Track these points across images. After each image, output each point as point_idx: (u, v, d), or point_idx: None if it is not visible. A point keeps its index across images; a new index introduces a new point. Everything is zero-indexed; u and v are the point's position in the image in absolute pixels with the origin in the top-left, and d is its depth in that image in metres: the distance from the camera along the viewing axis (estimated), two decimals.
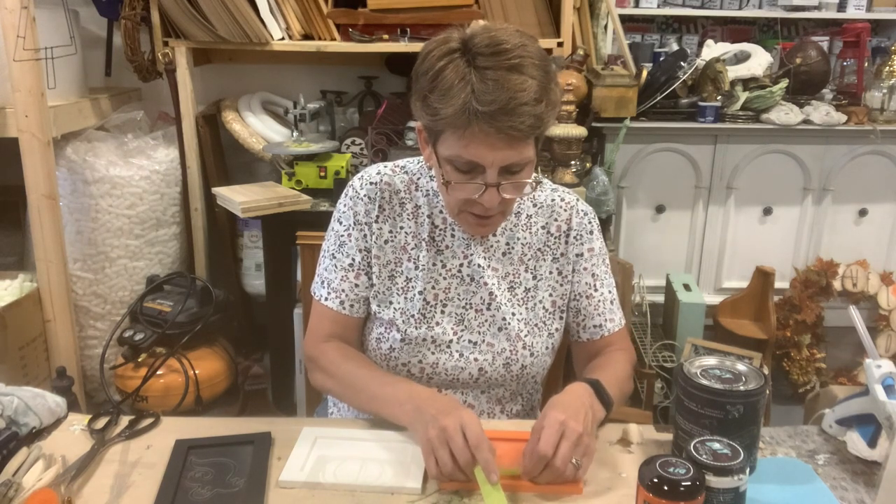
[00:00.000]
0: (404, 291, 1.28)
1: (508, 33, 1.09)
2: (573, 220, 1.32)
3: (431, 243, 1.28)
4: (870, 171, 2.59)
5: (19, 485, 0.98)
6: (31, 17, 1.94)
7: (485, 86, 1.05)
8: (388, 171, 1.31)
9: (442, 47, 1.10)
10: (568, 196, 1.34)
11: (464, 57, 1.08)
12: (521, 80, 1.06)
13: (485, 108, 1.04)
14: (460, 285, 1.28)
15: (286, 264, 2.29)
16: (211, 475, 1.05)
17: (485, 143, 1.08)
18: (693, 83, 2.57)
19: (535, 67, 1.08)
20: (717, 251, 2.66)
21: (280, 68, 2.67)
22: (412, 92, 1.15)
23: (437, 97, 1.08)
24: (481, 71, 1.06)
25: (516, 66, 1.06)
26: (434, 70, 1.08)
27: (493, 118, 1.05)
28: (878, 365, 1.06)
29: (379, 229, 1.28)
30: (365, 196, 1.28)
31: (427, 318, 1.27)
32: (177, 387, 2.20)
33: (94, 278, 2.36)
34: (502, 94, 1.04)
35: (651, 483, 0.88)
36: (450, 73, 1.07)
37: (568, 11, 2.33)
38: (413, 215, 1.29)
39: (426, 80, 1.10)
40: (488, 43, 1.07)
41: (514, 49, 1.07)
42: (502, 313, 1.28)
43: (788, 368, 2.69)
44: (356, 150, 2.42)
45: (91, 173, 2.29)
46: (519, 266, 1.30)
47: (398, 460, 1.08)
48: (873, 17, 3.18)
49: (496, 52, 1.06)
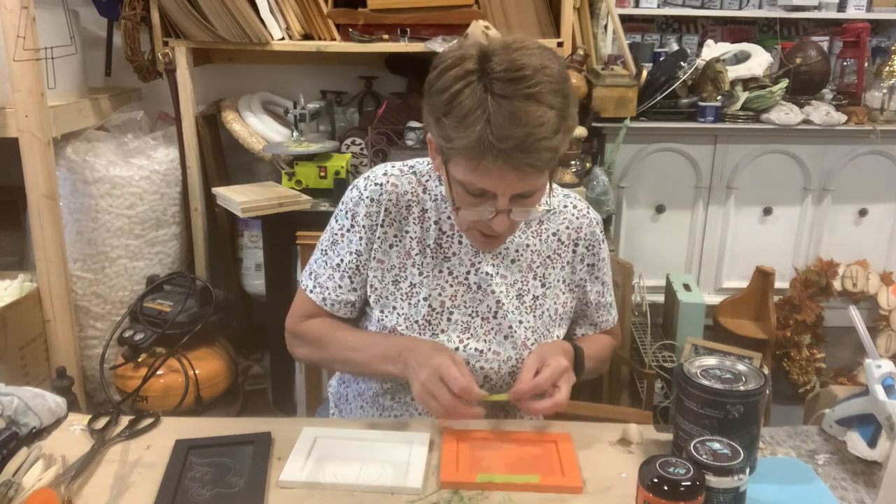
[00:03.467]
0: (408, 297, 1.26)
1: (529, 53, 1.04)
2: (584, 229, 1.31)
3: (438, 250, 1.26)
4: (870, 171, 2.59)
5: (19, 485, 0.98)
6: (31, 17, 1.94)
7: (501, 118, 1.01)
8: (396, 171, 1.28)
9: (458, 68, 1.05)
10: (579, 203, 1.33)
11: (481, 81, 1.03)
12: (540, 113, 1.02)
13: (501, 143, 1.01)
14: (467, 293, 1.26)
15: (286, 264, 2.29)
16: (211, 475, 1.05)
17: (498, 176, 1.06)
18: (693, 83, 2.57)
19: (555, 94, 1.04)
20: (717, 251, 2.66)
21: (280, 68, 2.67)
22: (425, 104, 1.12)
23: (451, 123, 1.04)
24: (498, 100, 1.02)
25: (535, 95, 1.02)
26: (450, 93, 1.04)
27: (509, 155, 1.02)
28: (878, 365, 1.06)
29: (384, 233, 1.26)
30: (368, 198, 1.25)
31: (432, 325, 1.25)
32: (177, 387, 2.20)
33: (94, 278, 2.36)
34: (519, 130, 1.01)
35: (651, 483, 0.88)
36: (466, 98, 1.03)
37: (568, 11, 2.33)
38: (420, 220, 1.26)
39: (440, 102, 1.06)
40: (507, 67, 1.03)
41: (533, 75, 1.02)
42: (509, 321, 1.26)
43: (788, 368, 2.70)
44: (356, 150, 2.42)
45: (91, 173, 2.29)
46: (528, 273, 1.28)
47: (398, 460, 1.08)
48: (873, 17, 3.19)
49: (515, 79, 1.02)
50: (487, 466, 1.07)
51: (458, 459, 1.08)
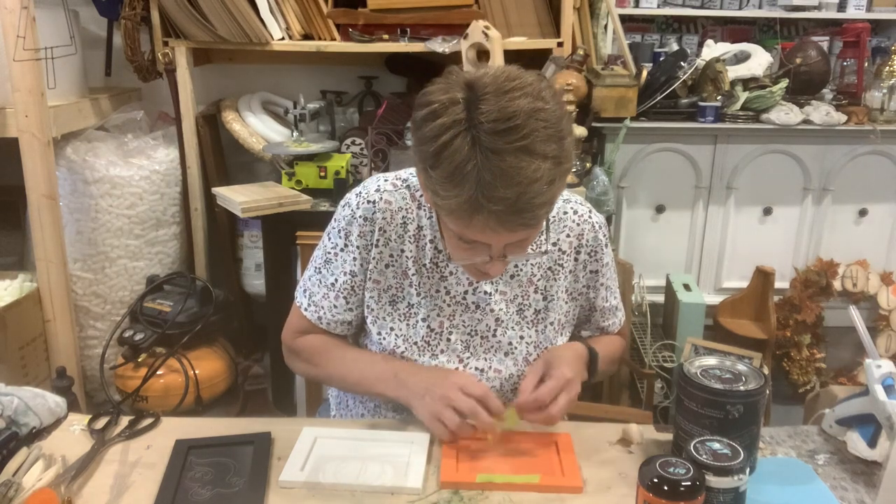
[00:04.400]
0: (406, 318, 1.23)
1: (521, 94, 0.96)
2: (586, 236, 1.26)
3: (434, 269, 1.22)
4: (870, 171, 2.59)
5: (19, 485, 0.98)
6: (31, 17, 1.94)
7: (491, 176, 0.94)
8: (389, 186, 1.22)
9: (445, 116, 0.97)
10: (580, 208, 1.27)
11: (469, 132, 0.96)
12: (534, 168, 0.95)
13: (492, 205, 0.95)
14: (465, 312, 1.23)
15: (286, 264, 2.29)
16: (211, 475, 1.05)
17: (491, 233, 1.01)
18: (693, 83, 2.57)
19: (549, 140, 0.97)
20: (717, 251, 2.66)
21: (280, 68, 2.67)
22: (412, 146, 1.05)
23: (439, 178, 0.98)
24: (487, 154, 0.94)
25: (527, 147, 0.95)
26: (437, 144, 0.97)
27: (501, 218, 0.97)
28: (878, 365, 1.06)
29: (379, 253, 1.21)
30: (361, 217, 1.20)
31: (431, 346, 1.23)
32: (177, 387, 2.20)
33: (94, 278, 2.36)
34: (511, 190, 0.95)
35: (651, 483, 0.88)
36: (454, 152, 0.96)
37: (568, 11, 2.33)
38: (415, 238, 1.21)
39: (428, 152, 0.99)
40: (497, 117, 0.95)
41: (525, 123, 0.95)
42: (508, 338, 1.24)
43: (788, 368, 2.69)
44: (356, 150, 2.42)
45: (91, 173, 2.29)
46: (528, 287, 1.25)
47: (398, 460, 1.08)
48: (873, 17, 3.18)
49: (505, 131, 0.94)
50: (487, 466, 1.07)
51: (458, 459, 1.08)
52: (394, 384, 1.18)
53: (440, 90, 1.00)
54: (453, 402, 1.10)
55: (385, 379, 1.19)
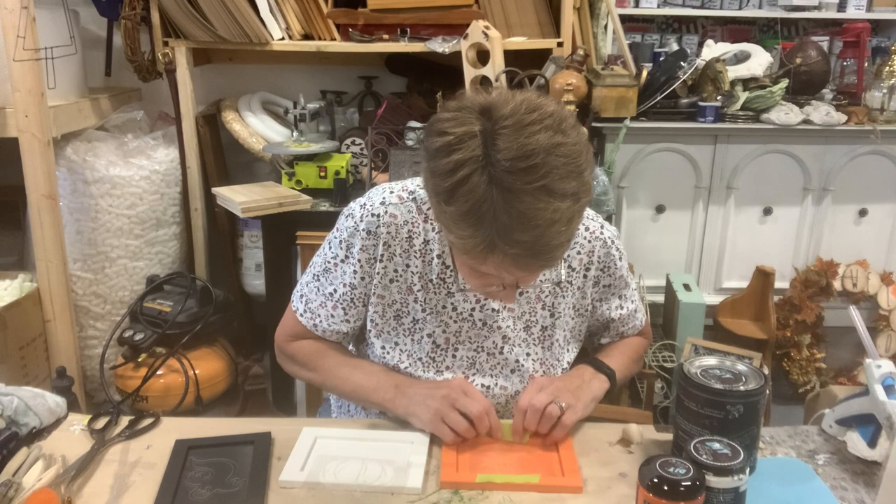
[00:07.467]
0: (411, 333, 1.22)
1: (539, 129, 0.91)
2: (597, 252, 1.24)
3: (441, 285, 1.20)
4: (870, 171, 2.59)
5: (19, 485, 0.98)
6: (31, 17, 1.95)
7: (508, 218, 0.90)
8: (395, 199, 1.18)
9: (461, 151, 0.92)
10: (592, 224, 1.24)
11: (485, 171, 0.91)
12: (553, 209, 0.91)
13: (510, 248, 0.93)
14: (471, 329, 1.22)
15: (286, 264, 2.29)
16: (211, 475, 1.05)
17: (506, 272, 1.00)
18: (693, 83, 2.57)
19: (569, 177, 0.92)
20: (717, 251, 2.66)
21: (280, 68, 2.67)
22: (423, 172, 1.01)
23: (454, 215, 0.94)
24: (505, 195, 0.90)
25: (546, 186, 0.90)
26: (452, 181, 0.92)
27: (518, 261, 0.95)
28: (878, 365, 1.06)
29: (384, 268, 1.19)
30: (364, 230, 1.17)
31: (436, 362, 1.22)
32: (177, 387, 2.20)
33: (94, 278, 2.36)
34: (528, 234, 0.91)
35: (651, 483, 0.88)
36: (469, 190, 0.91)
37: (568, 11, 2.33)
38: (421, 252, 1.19)
39: (442, 187, 0.94)
40: (515, 155, 0.90)
41: (544, 162, 0.90)
42: (515, 355, 1.23)
43: (788, 368, 2.69)
44: (356, 150, 2.42)
45: (91, 173, 2.29)
46: (536, 304, 1.23)
47: (398, 460, 1.08)
48: (873, 17, 3.18)
49: (523, 170, 0.90)
50: (487, 466, 1.07)
51: (458, 460, 1.08)
52: (393, 394, 1.17)
53: (455, 121, 0.95)
54: (456, 402, 1.10)
55: (384, 388, 1.18)
